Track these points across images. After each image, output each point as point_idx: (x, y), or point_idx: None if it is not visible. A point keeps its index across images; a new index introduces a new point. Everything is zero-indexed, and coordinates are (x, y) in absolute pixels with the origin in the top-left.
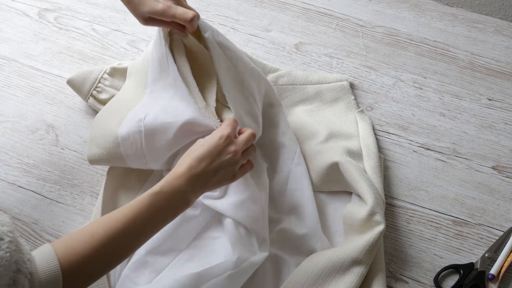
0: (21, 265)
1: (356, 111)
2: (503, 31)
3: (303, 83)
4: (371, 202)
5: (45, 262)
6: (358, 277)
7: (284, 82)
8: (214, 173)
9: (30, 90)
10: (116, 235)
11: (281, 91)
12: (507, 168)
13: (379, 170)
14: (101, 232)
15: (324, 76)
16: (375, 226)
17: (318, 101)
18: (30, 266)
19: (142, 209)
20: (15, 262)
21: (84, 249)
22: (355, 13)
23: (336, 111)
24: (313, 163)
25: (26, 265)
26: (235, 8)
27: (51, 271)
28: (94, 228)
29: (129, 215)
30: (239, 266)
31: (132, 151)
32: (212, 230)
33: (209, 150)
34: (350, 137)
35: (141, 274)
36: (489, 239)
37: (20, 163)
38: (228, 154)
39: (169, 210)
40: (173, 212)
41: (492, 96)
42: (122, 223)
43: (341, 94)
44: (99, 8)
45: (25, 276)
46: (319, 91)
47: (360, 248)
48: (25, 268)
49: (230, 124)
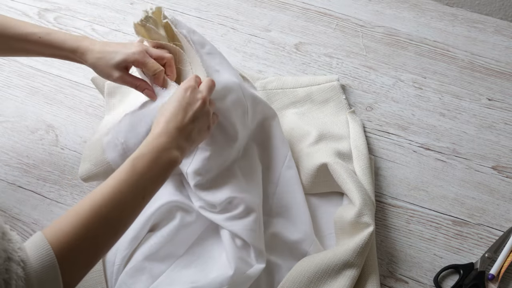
0: (11, 253)
1: (347, 112)
2: (503, 31)
3: (293, 87)
4: (359, 203)
5: (36, 249)
6: (350, 280)
7: (273, 87)
8: (192, 124)
9: (30, 90)
10: (103, 208)
11: (271, 95)
12: (507, 168)
13: (369, 171)
14: (87, 208)
15: (314, 78)
16: (365, 228)
17: (308, 103)
18: (21, 254)
19: (126, 175)
20: (3, 250)
21: (73, 228)
22: (355, 13)
23: (327, 112)
24: (303, 165)
25: (18, 253)
26: (235, 8)
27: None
28: (79, 206)
29: (112, 185)
30: (235, 281)
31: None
32: (209, 237)
33: (179, 102)
34: (341, 139)
35: (138, 280)
36: (489, 239)
37: (20, 163)
38: (197, 101)
39: (155, 171)
40: (161, 173)
41: (492, 96)
42: (107, 194)
43: (331, 94)
44: (99, 8)
45: (17, 264)
46: (309, 93)
47: (351, 250)
48: (16, 256)
49: (191, 78)
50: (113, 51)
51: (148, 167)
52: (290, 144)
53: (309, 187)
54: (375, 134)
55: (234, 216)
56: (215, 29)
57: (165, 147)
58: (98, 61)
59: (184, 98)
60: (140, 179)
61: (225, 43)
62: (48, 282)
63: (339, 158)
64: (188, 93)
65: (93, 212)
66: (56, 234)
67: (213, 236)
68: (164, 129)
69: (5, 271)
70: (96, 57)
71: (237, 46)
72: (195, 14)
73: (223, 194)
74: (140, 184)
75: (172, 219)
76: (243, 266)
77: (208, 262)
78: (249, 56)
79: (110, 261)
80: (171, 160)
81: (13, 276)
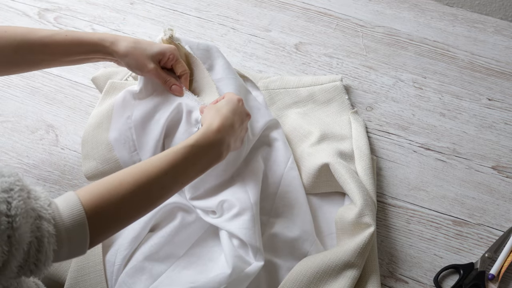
0: (40, 211)
1: (350, 112)
2: (503, 31)
3: (296, 87)
4: (360, 204)
5: (69, 207)
6: (351, 280)
7: (276, 87)
8: (239, 130)
9: (30, 90)
10: (147, 184)
11: (273, 95)
12: (507, 168)
13: (371, 171)
14: (130, 180)
15: (317, 78)
16: (366, 228)
17: (311, 102)
18: (52, 211)
19: (177, 160)
20: (32, 209)
21: (111, 195)
22: (355, 13)
23: (330, 112)
24: (305, 165)
25: (48, 211)
26: (235, 8)
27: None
28: (123, 176)
29: (161, 166)
30: (234, 279)
31: (125, 150)
32: (210, 238)
33: (233, 107)
34: (343, 139)
35: (138, 280)
36: (489, 239)
37: (20, 163)
38: (246, 115)
39: (203, 163)
40: (206, 166)
41: (492, 96)
42: (154, 173)
43: (334, 94)
44: (99, 8)
45: (48, 222)
46: (312, 93)
47: (351, 251)
48: (46, 214)
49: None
50: (147, 43)
51: (199, 158)
52: (292, 144)
53: (310, 187)
54: (375, 134)
55: (229, 216)
56: (215, 29)
57: (218, 143)
58: (133, 50)
59: (238, 107)
60: (188, 167)
61: (225, 43)
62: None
63: (341, 158)
64: (240, 104)
65: (135, 187)
66: (91, 196)
67: (214, 238)
68: (220, 126)
69: (37, 229)
70: (130, 46)
71: (237, 46)
72: (195, 14)
73: (215, 199)
74: (185, 171)
75: (173, 219)
76: (241, 264)
77: (208, 263)
78: (249, 56)
79: (110, 261)
80: (220, 156)
81: (45, 234)
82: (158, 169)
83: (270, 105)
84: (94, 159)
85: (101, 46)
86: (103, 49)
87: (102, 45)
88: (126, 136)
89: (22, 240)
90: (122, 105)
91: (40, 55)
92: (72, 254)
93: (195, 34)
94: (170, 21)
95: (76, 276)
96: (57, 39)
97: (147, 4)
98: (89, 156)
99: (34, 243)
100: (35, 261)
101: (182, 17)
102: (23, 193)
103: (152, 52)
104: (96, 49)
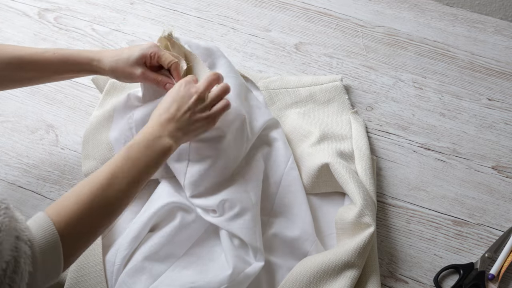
0: (19, 232)
1: (350, 112)
2: (503, 31)
3: (296, 87)
4: (360, 204)
5: (42, 229)
6: (351, 280)
7: (276, 87)
8: (186, 116)
9: (30, 90)
10: (101, 191)
11: (273, 95)
12: (507, 168)
13: (371, 172)
14: (86, 191)
15: (317, 78)
16: (366, 228)
17: (311, 102)
18: (28, 233)
19: (121, 162)
20: (14, 228)
21: (75, 209)
22: (355, 13)
23: (330, 112)
24: (305, 165)
25: (24, 232)
26: (235, 8)
27: (49, 236)
28: (79, 188)
29: (109, 170)
30: (234, 280)
31: None
32: (210, 238)
33: (172, 97)
34: (343, 139)
35: (138, 280)
36: (489, 239)
37: (20, 163)
38: (191, 95)
39: (148, 158)
40: (154, 159)
41: (492, 96)
42: (104, 178)
43: (334, 94)
44: (99, 8)
45: (25, 243)
46: (312, 93)
47: (351, 251)
48: (23, 235)
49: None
50: (128, 51)
51: (141, 153)
52: (292, 144)
53: (310, 187)
54: (375, 134)
55: (230, 216)
56: (215, 29)
57: (157, 135)
58: (116, 63)
59: (178, 92)
60: (134, 165)
61: (225, 43)
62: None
63: (341, 158)
64: (182, 87)
65: (92, 195)
66: (58, 213)
67: (214, 238)
68: (156, 120)
69: (15, 249)
70: (113, 61)
71: (237, 46)
72: (195, 14)
73: (216, 198)
74: (133, 170)
75: (173, 219)
76: (241, 264)
77: (208, 263)
78: (249, 56)
79: (110, 261)
80: (163, 147)
81: (21, 255)
82: (107, 173)
83: (270, 105)
84: (94, 158)
85: (88, 66)
86: (90, 68)
87: (89, 64)
88: (127, 136)
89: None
90: (123, 106)
91: (30, 72)
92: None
93: (195, 34)
94: (170, 21)
95: (76, 276)
96: (47, 56)
97: (147, 4)
98: (89, 155)
99: (11, 263)
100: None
101: (182, 17)
102: (8, 211)
103: (134, 58)
104: (84, 68)
